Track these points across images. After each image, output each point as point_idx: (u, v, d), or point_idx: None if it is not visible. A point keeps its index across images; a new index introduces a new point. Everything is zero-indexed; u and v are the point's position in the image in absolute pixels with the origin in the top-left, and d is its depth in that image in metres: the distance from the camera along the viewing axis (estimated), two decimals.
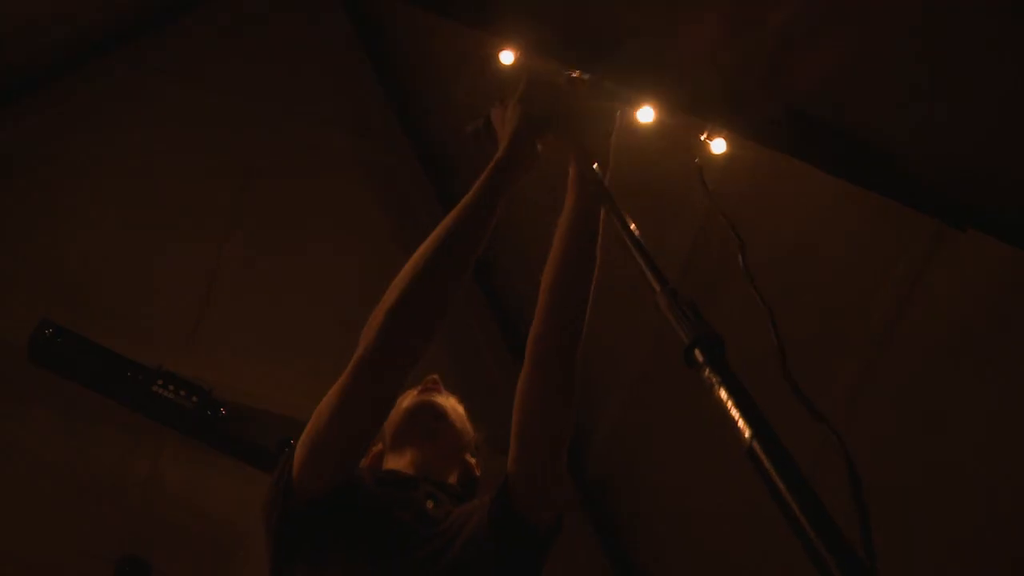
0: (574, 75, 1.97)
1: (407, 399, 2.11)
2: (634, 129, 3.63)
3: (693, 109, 3.79)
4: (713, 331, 0.97)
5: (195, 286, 4.89)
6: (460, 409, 2.18)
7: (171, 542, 4.33)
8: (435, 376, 2.18)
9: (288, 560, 1.77)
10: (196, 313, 4.83)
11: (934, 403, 3.53)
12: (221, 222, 5.03)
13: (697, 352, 0.96)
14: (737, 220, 1.74)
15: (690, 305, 1.02)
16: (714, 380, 0.92)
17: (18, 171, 4.78)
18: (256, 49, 5.41)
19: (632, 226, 1.29)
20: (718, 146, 3.82)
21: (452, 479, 2.07)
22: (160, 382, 4.54)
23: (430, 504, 1.88)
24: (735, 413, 0.88)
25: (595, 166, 1.79)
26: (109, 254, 4.77)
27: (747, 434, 0.86)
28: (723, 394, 0.90)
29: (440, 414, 2.09)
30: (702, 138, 3.84)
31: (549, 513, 1.81)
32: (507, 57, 3.94)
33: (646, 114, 3.83)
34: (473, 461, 2.16)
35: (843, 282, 3.82)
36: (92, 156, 4.91)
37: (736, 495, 3.27)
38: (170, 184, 4.99)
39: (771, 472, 0.84)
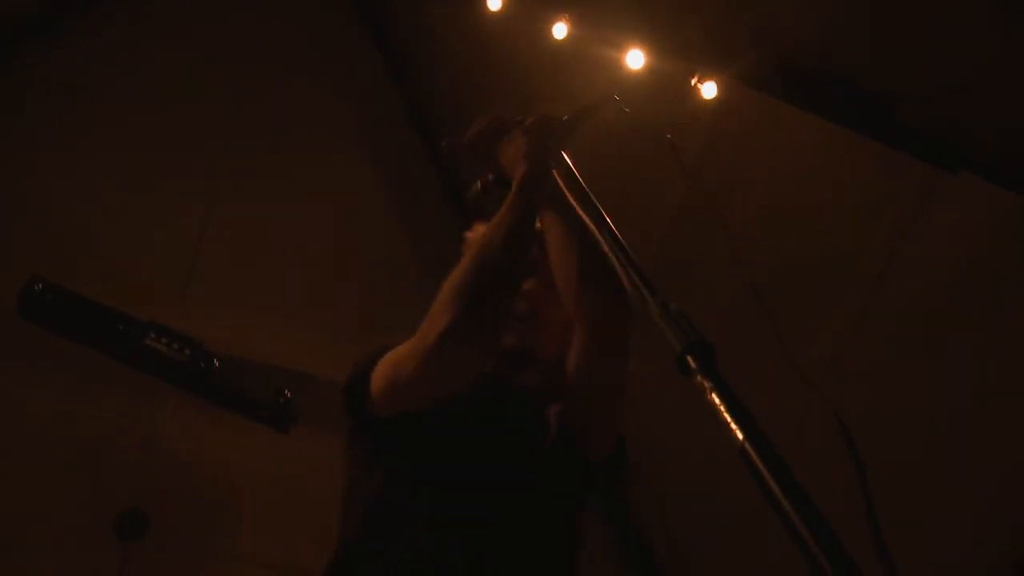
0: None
1: None
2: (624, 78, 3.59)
3: (683, 53, 3.75)
4: (704, 339, 1.00)
5: (186, 240, 4.86)
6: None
7: (170, 495, 4.37)
8: None
9: (370, 468, 1.77)
10: (188, 267, 4.81)
11: (929, 346, 3.55)
12: (211, 175, 4.98)
13: (689, 359, 0.98)
14: (728, 165, 1.72)
15: (681, 315, 1.03)
16: (706, 386, 0.94)
17: (3, 129, 4.71)
18: (248, 9, 5.31)
19: (618, 234, 1.28)
20: (709, 90, 3.78)
21: (552, 349, 1.93)
22: (152, 335, 4.53)
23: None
24: (727, 417, 0.90)
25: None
26: (98, 209, 4.71)
27: (739, 436, 0.88)
28: (715, 399, 0.92)
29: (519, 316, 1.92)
30: (692, 82, 3.80)
31: (606, 443, 1.84)
32: (494, 4, 3.89)
33: (636, 59, 3.80)
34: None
35: (836, 227, 3.81)
36: (80, 112, 4.82)
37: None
38: (160, 138, 4.93)
39: (763, 473, 0.86)
